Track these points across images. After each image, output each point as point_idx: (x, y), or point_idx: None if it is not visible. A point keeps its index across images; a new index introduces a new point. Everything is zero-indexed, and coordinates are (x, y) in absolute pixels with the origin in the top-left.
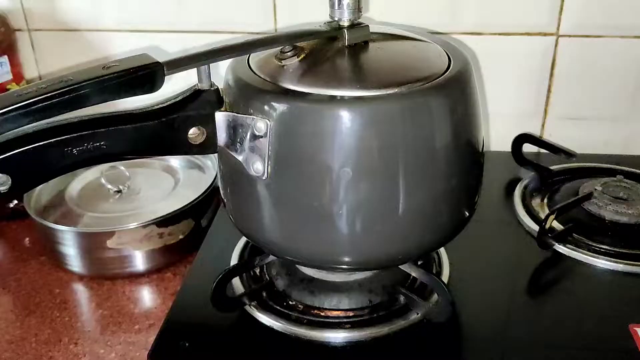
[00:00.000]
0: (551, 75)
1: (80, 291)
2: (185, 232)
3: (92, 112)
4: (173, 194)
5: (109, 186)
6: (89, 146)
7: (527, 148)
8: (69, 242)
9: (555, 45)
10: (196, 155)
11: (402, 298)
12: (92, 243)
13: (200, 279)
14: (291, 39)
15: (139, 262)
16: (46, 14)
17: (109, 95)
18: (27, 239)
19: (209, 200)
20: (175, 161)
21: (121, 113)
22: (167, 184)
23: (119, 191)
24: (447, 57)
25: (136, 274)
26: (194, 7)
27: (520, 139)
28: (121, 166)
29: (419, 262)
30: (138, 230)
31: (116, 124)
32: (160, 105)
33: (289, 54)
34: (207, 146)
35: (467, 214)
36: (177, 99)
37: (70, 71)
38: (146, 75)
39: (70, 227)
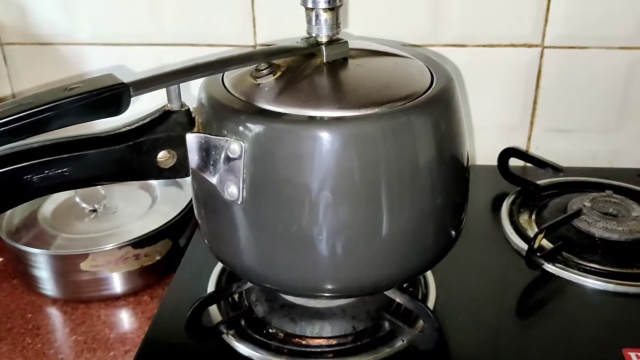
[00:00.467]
0: (537, 87)
1: (54, 315)
2: (163, 252)
3: (54, 136)
4: (150, 212)
5: (84, 205)
6: (50, 173)
7: (514, 162)
8: (42, 264)
9: (541, 57)
10: None
11: (387, 324)
12: (65, 266)
13: (177, 303)
14: (267, 56)
15: (115, 284)
16: (19, 27)
17: (71, 118)
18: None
19: (187, 219)
20: None
21: (85, 137)
22: (145, 201)
23: (95, 210)
24: (429, 74)
25: (112, 296)
26: (171, 20)
27: (507, 153)
28: None
29: (405, 285)
30: (113, 252)
31: (80, 148)
32: (128, 128)
33: (264, 71)
34: (178, 170)
35: (453, 233)
36: (145, 121)
37: (43, 86)
38: (111, 97)
39: (43, 249)
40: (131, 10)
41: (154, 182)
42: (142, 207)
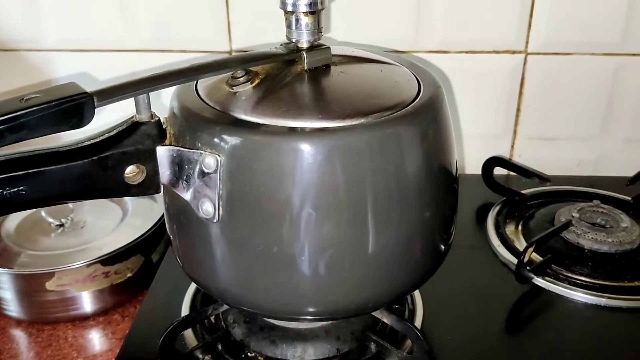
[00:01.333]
0: (520, 94)
1: (18, 338)
2: (134, 269)
3: (9, 150)
4: (121, 226)
5: (50, 219)
6: (4, 192)
7: (498, 170)
8: (5, 284)
9: (524, 63)
10: None
11: (373, 346)
12: (30, 285)
13: (149, 324)
14: (244, 63)
15: (84, 303)
16: None
17: (27, 132)
18: None
19: (160, 233)
20: None
21: (44, 151)
22: (115, 214)
23: (61, 225)
24: (416, 81)
25: (80, 316)
26: (143, 24)
27: (491, 163)
28: None
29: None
30: (81, 270)
31: (38, 164)
32: (92, 141)
33: (241, 79)
34: (148, 186)
35: (443, 248)
36: (112, 134)
37: (9, 94)
38: (73, 107)
39: (5, 267)
40: (100, 15)
41: None
42: (112, 220)
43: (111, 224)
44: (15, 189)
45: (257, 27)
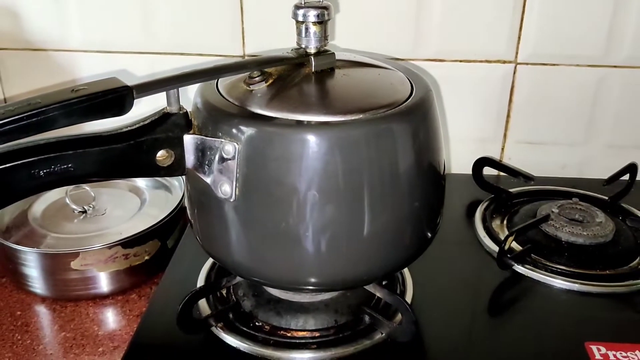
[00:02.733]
0: (510, 101)
1: (43, 313)
2: (151, 252)
3: (59, 134)
4: (139, 215)
5: (74, 206)
6: (56, 168)
7: (488, 171)
8: (32, 263)
9: (514, 73)
10: None
11: (367, 318)
12: (55, 264)
13: (166, 300)
14: (260, 65)
15: (103, 283)
16: (12, 33)
17: (77, 118)
18: None
19: (175, 221)
20: (141, 181)
21: (89, 135)
22: (133, 204)
23: (84, 211)
24: (409, 84)
25: (100, 295)
26: (162, 29)
27: (481, 163)
28: (86, 186)
29: (384, 283)
30: (103, 251)
31: (84, 146)
32: (129, 128)
33: (257, 79)
34: (175, 168)
35: (429, 235)
36: (146, 122)
37: (35, 92)
38: (115, 98)
39: (33, 248)
40: (123, 19)
41: (142, 186)
42: (130, 209)
43: (129, 212)
44: (65, 166)
45: (268, 34)
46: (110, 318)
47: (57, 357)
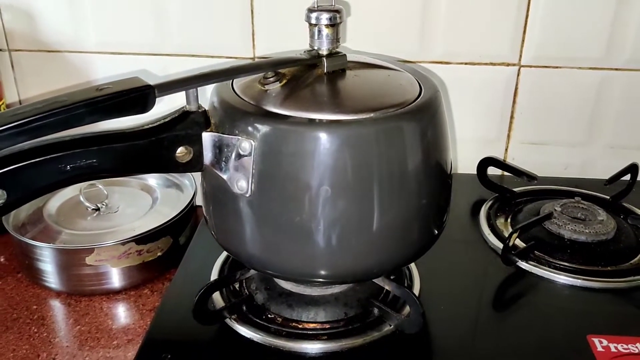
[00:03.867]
0: (514, 102)
1: (58, 307)
2: (164, 249)
3: (83, 131)
4: (150, 212)
5: (87, 204)
6: (81, 163)
7: (492, 171)
8: (47, 258)
9: (518, 75)
10: (174, 174)
11: (376, 310)
12: (70, 260)
13: (180, 294)
14: (274, 66)
15: (116, 278)
16: (27, 34)
17: (101, 115)
18: (4, 255)
19: (187, 218)
20: (152, 180)
21: (112, 132)
22: (145, 202)
23: (97, 209)
24: (418, 85)
25: (113, 290)
26: (175, 31)
27: (485, 163)
28: (99, 184)
29: (392, 277)
30: (117, 247)
31: (108, 142)
32: (150, 125)
33: (271, 79)
34: (194, 165)
35: (436, 231)
36: (166, 120)
37: (50, 93)
38: (138, 97)
39: (49, 243)
40: (137, 21)
41: (154, 184)
42: (142, 207)
43: (141, 210)
44: (89, 161)
45: (277, 36)
46: (124, 312)
47: (73, 349)
